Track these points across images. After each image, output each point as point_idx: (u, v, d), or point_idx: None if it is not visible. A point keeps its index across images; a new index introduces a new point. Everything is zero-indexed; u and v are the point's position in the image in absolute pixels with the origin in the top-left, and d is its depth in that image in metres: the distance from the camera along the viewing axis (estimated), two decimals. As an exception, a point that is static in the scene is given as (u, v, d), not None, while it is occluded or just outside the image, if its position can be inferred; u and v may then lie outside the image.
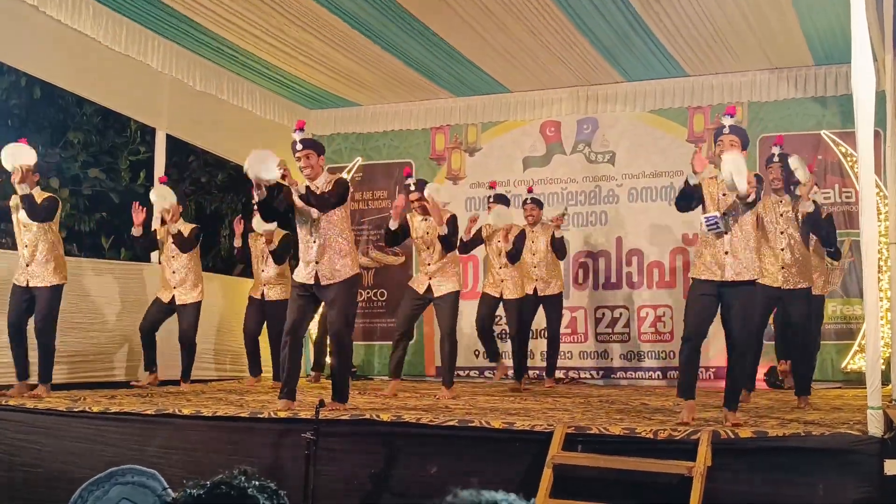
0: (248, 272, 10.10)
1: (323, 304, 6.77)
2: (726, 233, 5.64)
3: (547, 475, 4.91)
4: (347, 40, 8.95)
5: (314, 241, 6.37)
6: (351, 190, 6.81)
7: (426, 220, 7.91)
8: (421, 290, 7.95)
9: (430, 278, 7.89)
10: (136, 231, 8.46)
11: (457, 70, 9.97)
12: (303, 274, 6.41)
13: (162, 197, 8.55)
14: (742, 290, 5.62)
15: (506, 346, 9.55)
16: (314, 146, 6.52)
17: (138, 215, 8.41)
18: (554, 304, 9.25)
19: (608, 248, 10.46)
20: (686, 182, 5.81)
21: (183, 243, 8.52)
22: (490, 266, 9.10)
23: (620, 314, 10.36)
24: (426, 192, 7.80)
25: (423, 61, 9.68)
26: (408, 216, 7.95)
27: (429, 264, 7.94)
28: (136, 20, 8.49)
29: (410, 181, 7.90)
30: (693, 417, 5.49)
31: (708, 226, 5.66)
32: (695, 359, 5.75)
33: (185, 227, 8.63)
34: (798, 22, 8.42)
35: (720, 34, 8.76)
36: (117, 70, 8.67)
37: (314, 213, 6.35)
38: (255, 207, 8.26)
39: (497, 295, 8.84)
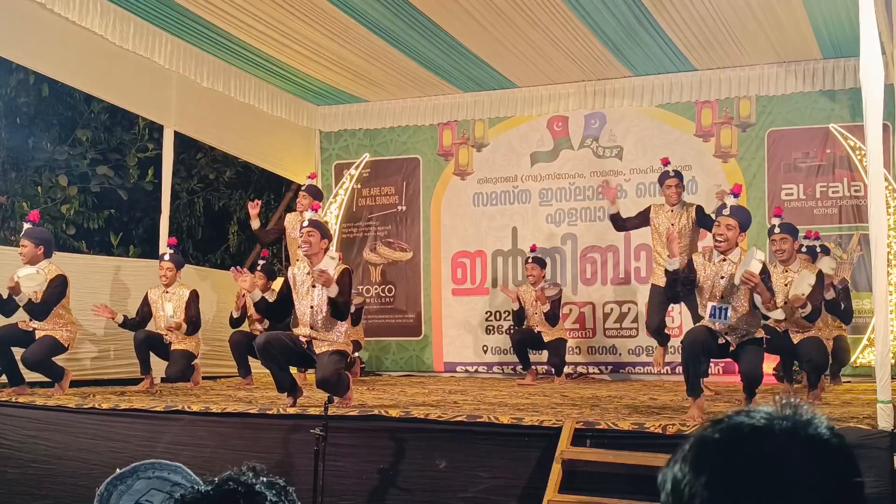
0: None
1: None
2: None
3: (556, 470, 4.92)
4: (355, 36, 8.95)
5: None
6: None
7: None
8: None
9: None
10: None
11: (464, 66, 9.96)
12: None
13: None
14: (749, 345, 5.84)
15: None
16: (320, 227, 6.52)
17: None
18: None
19: (616, 244, 10.44)
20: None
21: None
22: None
23: (629, 309, 10.35)
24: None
25: (431, 57, 9.67)
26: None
27: None
28: (143, 17, 8.49)
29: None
30: (702, 414, 5.49)
31: (716, 317, 5.78)
32: (697, 360, 5.77)
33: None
34: (806, 15, 8.39)
35: (728, 28, 8.74)
36: (125, 67, 8.69)
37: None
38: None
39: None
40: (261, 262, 9.09)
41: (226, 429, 6.07)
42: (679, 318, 9.73)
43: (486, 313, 10.77)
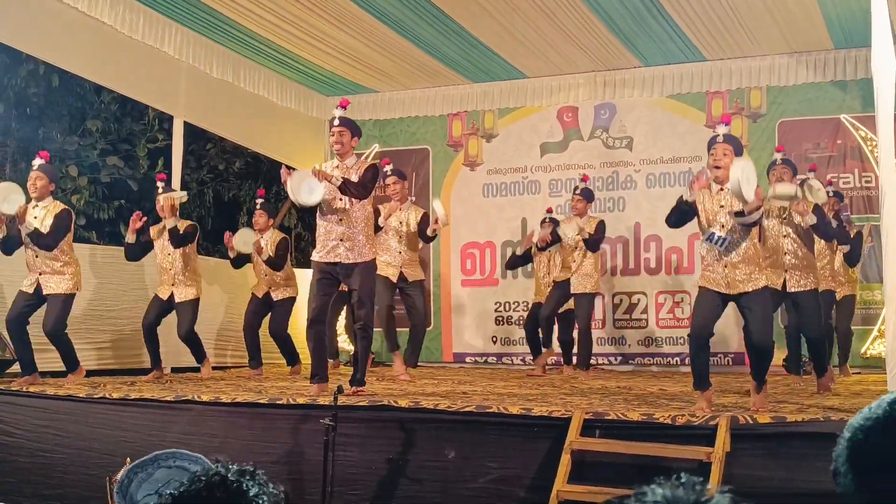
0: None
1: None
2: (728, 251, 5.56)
3: (565, 461, 4.92)
4: (365, 27, 8.94)
5: (338, 228, 6.45)
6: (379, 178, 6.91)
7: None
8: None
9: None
10: (130, 238, 8.26)
11: (474, 56, 9.94)
12: (324, 256, 6.48)
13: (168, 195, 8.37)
14: (756, 296, 5.59)
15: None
16: (350, 125, 6.67)
17: (135, 223, 8.18)
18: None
19: (626, 234, 10.43)
20: (680, 199, 5.75)
21: (177, 239, 8.26)
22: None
23: (638, 300, 10.34)
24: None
25: (441, 47, 9.66)
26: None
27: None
28: (153, 8, 8.50)
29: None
30: (710, 406, 5.47)
31: (714, 243, 5.57)
32: (703, 353, 5.73)
33: (182, 224, 8.39)
34: (817, 5, 8.35)
35: (739, 18, 8.70)
36: (135, 58, 8.69)
37: (340, 202, 6.43)
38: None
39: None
40: (259, 200, 9.19)
41: (236, 418, 6.09)
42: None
43: (496, 304, 10.77)
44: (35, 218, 7.34)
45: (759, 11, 8.52)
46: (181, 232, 8.25)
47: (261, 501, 1.39)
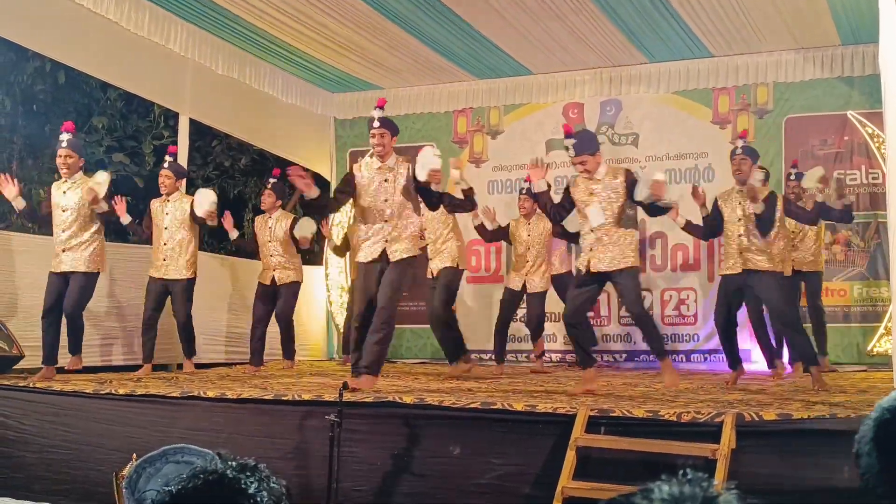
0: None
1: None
2: None
3: (570, 457, 4.92)
4: (370, 23, 8.94)
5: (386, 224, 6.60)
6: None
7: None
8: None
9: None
10: (125, 219, 7.94)
11: (479, 52, 9.94)
12: (369, 253, 6.59)
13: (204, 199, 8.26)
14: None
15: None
16: (390, 126, 6.68)
17: (120, 206, 7.88)
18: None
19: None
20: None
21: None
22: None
23: (644, 297, 10.30)
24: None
25: (446, 44, 9.66)
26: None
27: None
28: (159, 4, 8.51)
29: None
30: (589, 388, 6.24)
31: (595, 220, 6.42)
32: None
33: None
34: (825, 0, 8.33)
35: (745, 13, 8.68)
36: (141, 55, 8.70)
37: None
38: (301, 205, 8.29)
39: None
40: (271, 180, 9.18)
41: (241, 415, 6.09)
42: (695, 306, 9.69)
43: (501, 301, 10.74)
44: (64, 194, 7.39)
45: (765, 7, 8.50)
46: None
47: (260, 497, 1.39)
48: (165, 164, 8.41)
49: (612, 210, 6.38)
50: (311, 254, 11.08)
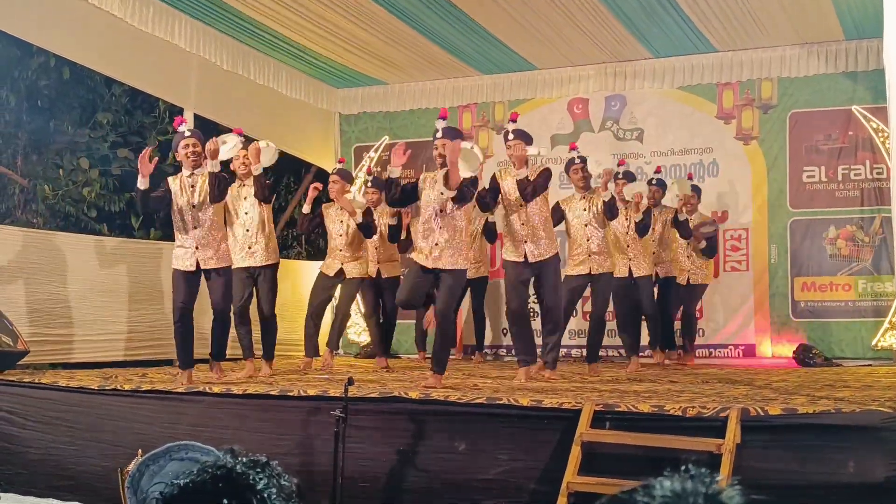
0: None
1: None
2: None
3: (575, 452, 4.92)
4: (375, 19, 8.94)
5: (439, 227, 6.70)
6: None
7: None
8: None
9: None
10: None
11: (484, 48, 9.93)
12: (423, 259, 6.58)
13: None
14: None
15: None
16: (454, 136, 6.68)
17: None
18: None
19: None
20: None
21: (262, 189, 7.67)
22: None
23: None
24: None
25: (450, 39, 9.65)
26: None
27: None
28: (163, 0, 8.51)
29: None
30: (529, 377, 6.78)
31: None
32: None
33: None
34: (829, -5, 8.32)
35: (749, 8, 8.67)
36: (145, 50, 8.71)
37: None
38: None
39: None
40: (338, 166, 8.89)
41: (247, 410, 6.10)
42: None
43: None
44: (192, 187, 7.06)
45: (769, 2, 8.49)
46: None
47: (269, 494, 1.38)
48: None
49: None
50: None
